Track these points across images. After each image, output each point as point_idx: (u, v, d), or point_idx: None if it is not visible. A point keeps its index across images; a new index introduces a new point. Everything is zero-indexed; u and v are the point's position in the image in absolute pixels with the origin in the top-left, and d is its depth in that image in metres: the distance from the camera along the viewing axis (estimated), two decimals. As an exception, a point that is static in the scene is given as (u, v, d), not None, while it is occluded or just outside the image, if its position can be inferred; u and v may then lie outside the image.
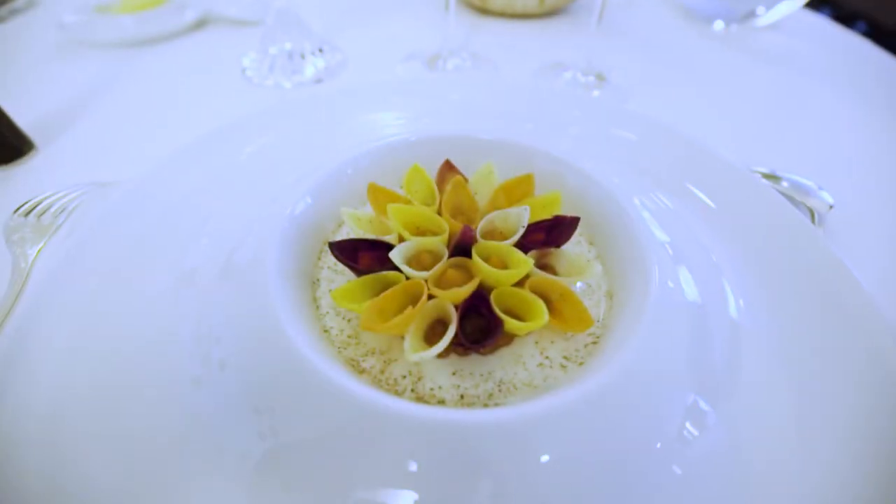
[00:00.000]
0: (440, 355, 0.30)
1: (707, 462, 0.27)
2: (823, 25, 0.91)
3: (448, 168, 0.41)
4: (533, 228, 0.36)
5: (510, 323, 0.30)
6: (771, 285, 0.38)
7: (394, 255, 0.32)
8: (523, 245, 0.35)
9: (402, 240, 0.35)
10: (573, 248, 0.39)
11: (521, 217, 0.35)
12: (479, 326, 0.32)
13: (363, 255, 0.35)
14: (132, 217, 0.40)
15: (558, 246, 0.36)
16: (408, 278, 0.32)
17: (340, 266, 0.37)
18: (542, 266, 0.36)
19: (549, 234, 0.37)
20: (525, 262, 0.32)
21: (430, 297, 0.31)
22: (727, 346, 0.33)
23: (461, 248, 0.34)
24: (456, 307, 0.31)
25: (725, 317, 0.36)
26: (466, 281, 0.32)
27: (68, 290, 0.35)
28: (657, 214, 0.42)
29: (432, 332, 0.32)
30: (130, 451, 0.28)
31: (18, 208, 0.44)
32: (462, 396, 0.30)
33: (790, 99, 0.70)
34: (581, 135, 0.53)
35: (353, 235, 0.39)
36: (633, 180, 0.47)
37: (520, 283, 0.33)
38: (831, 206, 0.47)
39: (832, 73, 0.75)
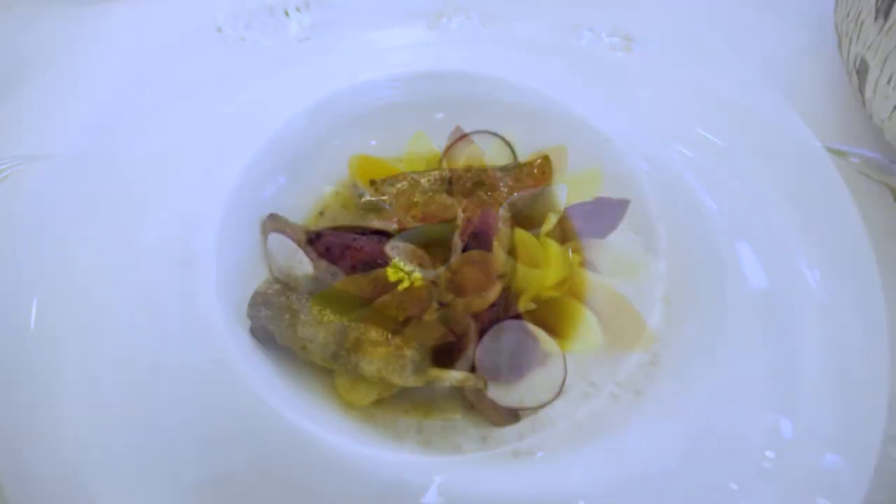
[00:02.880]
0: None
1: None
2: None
3: (459, 136, 0.33)
4: (567, 214, 0.28)
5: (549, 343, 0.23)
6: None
7: (391, 249, 0.24)
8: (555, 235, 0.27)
9: (402, 228, 0.27)
10: (618, 238, 0.32)
11: (555, 199, 0.27)
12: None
13: (352, 248, 0.27)
14: (57, 197, 0.32)
15: (602, 237, 0.29)
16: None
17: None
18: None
19: (589, 221, 0.29)
20: (567, 259, 0.24)
21: (441, 304, 0.24)
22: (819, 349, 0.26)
23: (478, 238, 0.27)
24: (475, 317, 0.24)
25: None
26: (487, 282, 0.25)
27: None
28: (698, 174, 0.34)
29: (441, 346, 0.25)
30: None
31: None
32: (484, 438, 0.23)
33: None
34: (608, 96, 0.45)
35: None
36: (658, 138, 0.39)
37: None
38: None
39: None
